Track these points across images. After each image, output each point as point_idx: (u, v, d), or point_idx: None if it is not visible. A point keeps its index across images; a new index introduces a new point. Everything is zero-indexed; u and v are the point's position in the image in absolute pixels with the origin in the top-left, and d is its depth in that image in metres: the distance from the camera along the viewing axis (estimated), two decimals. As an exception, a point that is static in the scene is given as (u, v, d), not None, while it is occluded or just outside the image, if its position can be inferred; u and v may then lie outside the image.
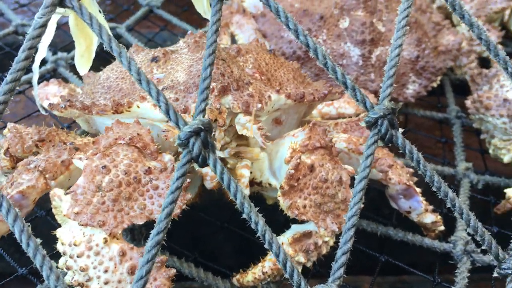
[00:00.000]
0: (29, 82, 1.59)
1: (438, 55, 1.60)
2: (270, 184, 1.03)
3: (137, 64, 1.08)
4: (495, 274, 0.81)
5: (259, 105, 0.99)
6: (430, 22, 1.67)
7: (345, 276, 1.61)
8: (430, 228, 1.14)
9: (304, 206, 0.95)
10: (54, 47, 1.92)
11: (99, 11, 0.85)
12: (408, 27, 0.87)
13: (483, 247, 0.80)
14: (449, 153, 1.58)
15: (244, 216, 0.73)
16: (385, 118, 0.80)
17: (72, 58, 1.75)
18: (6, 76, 0.73)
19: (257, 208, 0.73)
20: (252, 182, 1.04)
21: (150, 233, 1.19)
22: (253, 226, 0.73)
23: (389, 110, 0.80)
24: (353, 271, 1.44)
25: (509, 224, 1.21)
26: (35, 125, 1.05)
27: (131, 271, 0.83)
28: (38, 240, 0.68)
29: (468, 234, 1.14)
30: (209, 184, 1.00)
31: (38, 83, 1.65)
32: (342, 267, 0.75)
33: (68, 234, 0.82)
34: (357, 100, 0.83)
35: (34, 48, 0.74)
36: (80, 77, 1.60)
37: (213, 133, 0.98)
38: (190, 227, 1.31)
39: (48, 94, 1.24)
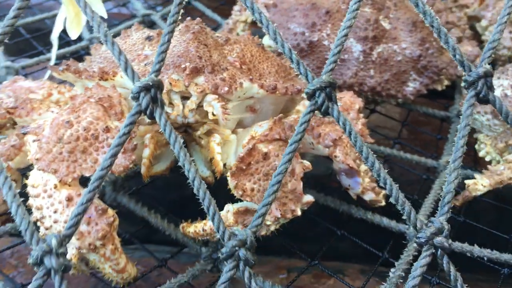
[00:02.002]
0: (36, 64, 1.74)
1: (443, 54, 1.63)
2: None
3: (129, 40, 1.23)
4: (414, 244, 0.86)
5: (226, 88, 1.06)
6: (443, 21, 1.69)
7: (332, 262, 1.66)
8: (371, 203, 1.20)
9: (252, 190, 1.00)
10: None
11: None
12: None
13: (403, 217, 0.86)
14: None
15: (179, 163, 0.83)
16: (323, 91, 0.88)
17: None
18: None
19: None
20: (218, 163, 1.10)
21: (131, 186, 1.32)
22: (186, 173, 0.83)
23: (327, 84, 0.88)
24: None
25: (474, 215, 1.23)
26: (11, 91, 1.14)
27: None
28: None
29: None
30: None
31: (74, 58, 1.84)
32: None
33: (31, 177, 0.95)
34: (301, 73, 0.91)
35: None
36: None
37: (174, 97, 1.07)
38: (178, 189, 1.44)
39: (30, 88, 1.24)
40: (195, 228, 1.06)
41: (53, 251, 0.76)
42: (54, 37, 1.14)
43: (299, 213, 1.04)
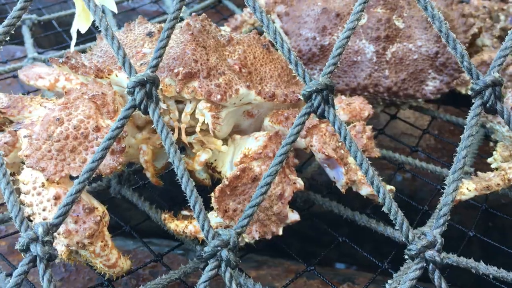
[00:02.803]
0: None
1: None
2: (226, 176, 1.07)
3: (131, 34, 1.23)
4: (405, 256, 0.83)
5: (219, 96, 1.03)
6: (461, 17, 1.63)
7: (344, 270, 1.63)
8: (371, 199, 1.15)
9: (235, 210, 0.99)
10: (121, 24, 2.15)
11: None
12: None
13: (396, 227, 0.83)
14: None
15: (169, 159, 0.83)
16: (319, 93, 0.86)
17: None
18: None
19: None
20: (214, 170, 1.11)
21: (138, 180, 1.33)
22: (175, 169, 0.83)
23: (323, 86, 0.86)
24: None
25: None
26: (5, 94, 1.15)
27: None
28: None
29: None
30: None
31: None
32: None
33: (22, 173, 0.96)
34: (298, 75, 0.89)
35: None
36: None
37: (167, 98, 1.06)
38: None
39: (40, 74, 1.29)
40: (175, 227, 1.06)
41: (39, 239, 0.77)
42: (73, 31, 1.17)
43: (280, 233, 1.02)
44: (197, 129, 1.05)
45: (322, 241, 1.50)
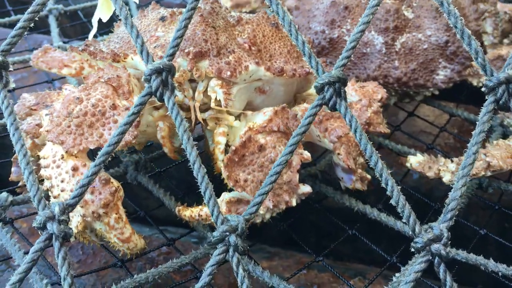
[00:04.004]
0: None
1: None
2: None
3: (145, 20, 1.26)
4: (411, 249, 0.84)
5: (229, 73, 1.08)
6: (472, 5, 1.62)
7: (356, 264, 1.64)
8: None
9: (246, 180, 1.01)
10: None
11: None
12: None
13: (403, 220, 0.84)
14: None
15: (182, 146, 0.86)
16: (332, 86, 0.87)
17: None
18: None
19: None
20: (227, 144, 1.13)
21: (154, 167, 1.36)
22: (187, 156, 0.85)
23: (336, 79, 0.87)
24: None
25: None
26: (34, 92, 1.21)
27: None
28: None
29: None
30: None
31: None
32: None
33: (43, 149, 1.01)
34: (312, 67, 0.90)
35: None
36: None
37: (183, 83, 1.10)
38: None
39: (64, 61, 1.31)
40: (190, 213, 1.09)
41: (55, 218, 0.81)
42: (95, 20, 1.20)
43: (293, 204, 1.04)
44: (212, 105, 1.09)
45: (336, 235, 1.50)
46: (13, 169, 1.18)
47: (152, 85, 0.87)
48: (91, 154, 1.17)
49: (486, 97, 0.89)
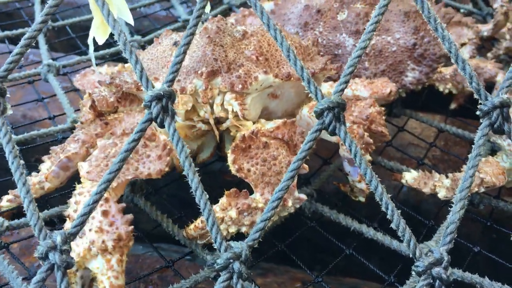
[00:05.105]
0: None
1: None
2: None
3: (160, 47, 1.28)
4: (412, 272, 0.85)
5: (240, 86, 1.16)
6: (441, 11, 1.73)
7: (349, 278, 1.65)
8: (355, 192, 1.29)
9: (249, 170, 1.09)
10: (133, 30, 2.17)
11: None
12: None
13: (403, 244, 0.85)
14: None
15: (184, 172, 0.86)
16: (331, 111, 0.88)
17: (145, 42, 2.01)
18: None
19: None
20: None
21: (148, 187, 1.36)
22: (189, 182, 0.85)
23: (335, 104, 0.88)
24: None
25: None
26: (109, 89, 1.28)
27: (103, 213, 1.02)
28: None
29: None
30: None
31: (114, 59, 1.92)
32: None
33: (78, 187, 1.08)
34: (311, 92, 0.91)
35: (50, 15, 0.95)
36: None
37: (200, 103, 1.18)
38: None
39: (95, 83, 1.44)
40: (195, 223, 1.13)
41: (57, 248, 0.80)
42: (90, 41, 1.20)
43: (289, 204, 1.09)
44: (230, 116, 1.18)
45: (331, 250, 1.51)
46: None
47: (152, 111, 0.87)
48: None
49: (481, 121, 0.91)
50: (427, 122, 1.71)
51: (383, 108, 1.33)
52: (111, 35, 1.28)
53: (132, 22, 1.11)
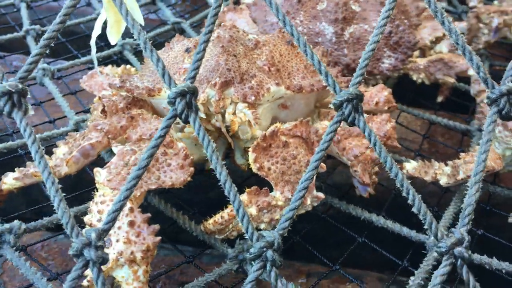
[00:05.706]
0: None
1: (416, 30, 1.76)
2: None
3: (171, 52, 1.30)
4: (433, 254, 0.89)
5: (253, 97, 1.17)
6: (414, 3, 1.82)
7: (351, 269, 1.69)
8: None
9: (269, 169, 1.10)
10: (124, 35, 2.17)
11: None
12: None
13: (425, 226, 0.89)
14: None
15: (211, 166, 0.88)
16: (350, 103, 0.92)
17: (137, 45, 2.01)
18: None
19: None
20: None
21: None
22: (217, 176, 0.87)
23: (353, 95, 0.92)
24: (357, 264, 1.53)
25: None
26: (120, 94, 1.28)
27: (130, 224, 1.01)
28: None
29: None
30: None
31: (106, 63, 1.91)
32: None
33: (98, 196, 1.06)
34: (329, 85, 0.95)
35: (68, 15, 0.95)
36: (141, 61, 1.84)
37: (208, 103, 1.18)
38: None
39: (103, 85, 1.44)
40: (213, 219, 1.13)
41: (92, 244, 0.81)
42: (93, 42, 1.21)
43: (308, 202, 1.11)
44: (242, 126, 1.18)
45: (334, 242, 1.55)
46: None
47: (177, 108, 0.89)
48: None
49: (489, 108, 0.96)
50: (419, 116, 1.77)
51: (394, 122, 1.33)
52: (99, 37, 1.33)
53: (143, 23, 1.12)
